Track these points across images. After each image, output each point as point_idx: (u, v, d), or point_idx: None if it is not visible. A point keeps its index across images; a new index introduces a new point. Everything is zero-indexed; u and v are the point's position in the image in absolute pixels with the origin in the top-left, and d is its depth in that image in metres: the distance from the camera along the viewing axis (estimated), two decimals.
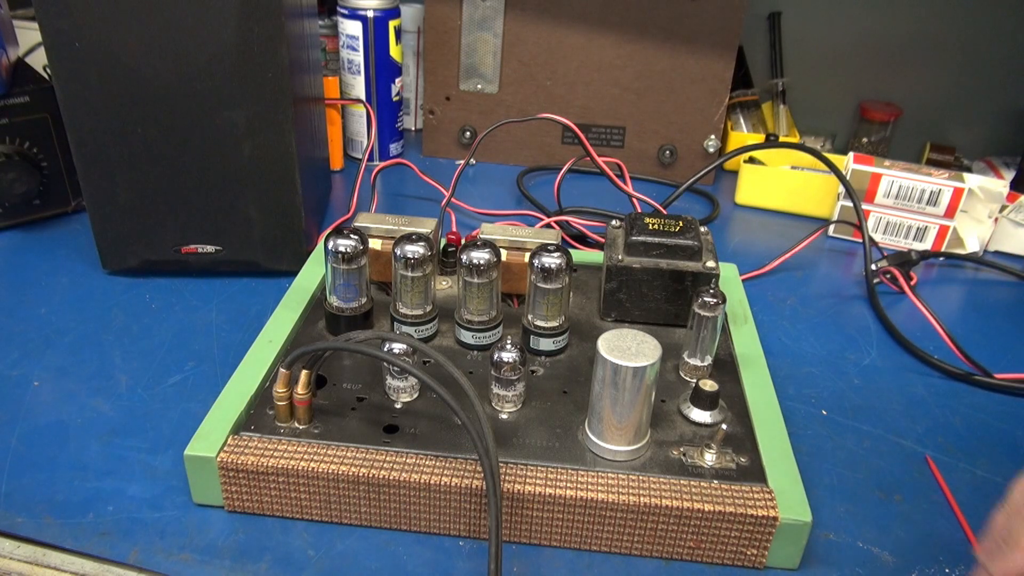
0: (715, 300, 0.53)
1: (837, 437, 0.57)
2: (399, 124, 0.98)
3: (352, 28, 0.90)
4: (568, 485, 0.45)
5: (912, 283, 0.75)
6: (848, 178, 0.82)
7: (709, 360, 0.55)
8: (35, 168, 0.73)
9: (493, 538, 0.42)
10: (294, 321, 0.58)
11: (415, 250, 0.55)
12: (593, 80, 0.93)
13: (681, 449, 0.49)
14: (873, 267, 0.76)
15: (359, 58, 0.91)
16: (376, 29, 0.89)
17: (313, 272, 0.64)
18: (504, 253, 0.60)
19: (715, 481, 0.46)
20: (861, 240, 0.77)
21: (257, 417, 0.50)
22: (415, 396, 0.52)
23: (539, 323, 0.56)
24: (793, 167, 0.91)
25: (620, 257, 0.59)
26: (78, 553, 0.45)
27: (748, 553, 0.46)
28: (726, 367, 0.56)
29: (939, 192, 0.80)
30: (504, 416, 0.51)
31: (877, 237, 0.84)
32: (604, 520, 0.46)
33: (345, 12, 0.89)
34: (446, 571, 0.45)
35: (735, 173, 0.95)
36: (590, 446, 0.48)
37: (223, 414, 0.49)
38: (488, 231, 0.63)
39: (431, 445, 0.48)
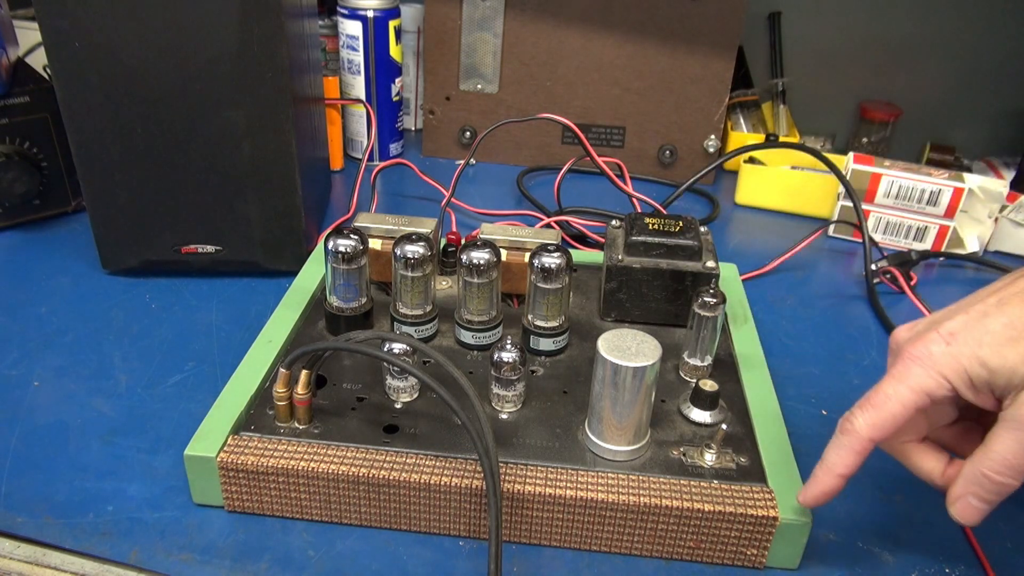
0: (715, 300, 0.53)
1: None
2: (399, 124, 0.98)
3: (352, 28, 0.90)
4: (568, 485, 0.45)
5: (912, 283, 0.75)
6: (848, 178, 0.82)
7: (709, 360, 0.55)
8: (35, 168, 0.73)
9: (493, 538, 0.42)
10: (294, 321, 0.58)
11: (415, 250, 0.55)
12: (593, 80, 0.93)
13: (681, 449, 0.49)
14: (873, 267, 0.76)
15: (359, 58, 0.91)
16: (376, 29, 0.89)
17: (313, 272, 0.64)
18: (504, 253, 0.60)
19: (715, 481, 0.46)
20: (861, 240, 0.77)
21: (257, 417, 0.50)
22: (415, 396, 0.52)
23: (539, 323, 0.56)
24: (793, 167, 0.91)
25: (620, 257, 0.59)
26: (78, 553, 0.45)
27: (748, 553, 0.46)
28: (726, 367, 0.56)
29: (939, 192, 0.80)
30: (504, 416, 0.51)
31: (877, 237, 0.84)
32: (604, 520, 0.46)
33: (345, 12, 0.89)
34: (446, 571, 0.45)
35: (735, 173, 0.95)
36: (590, 446, 0.48)
37: (223, 414, 0.49)
38: (488, 231, 0.63)
39: (431, 445, 0.48)
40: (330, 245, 0.55)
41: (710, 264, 0.59)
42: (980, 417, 0.45)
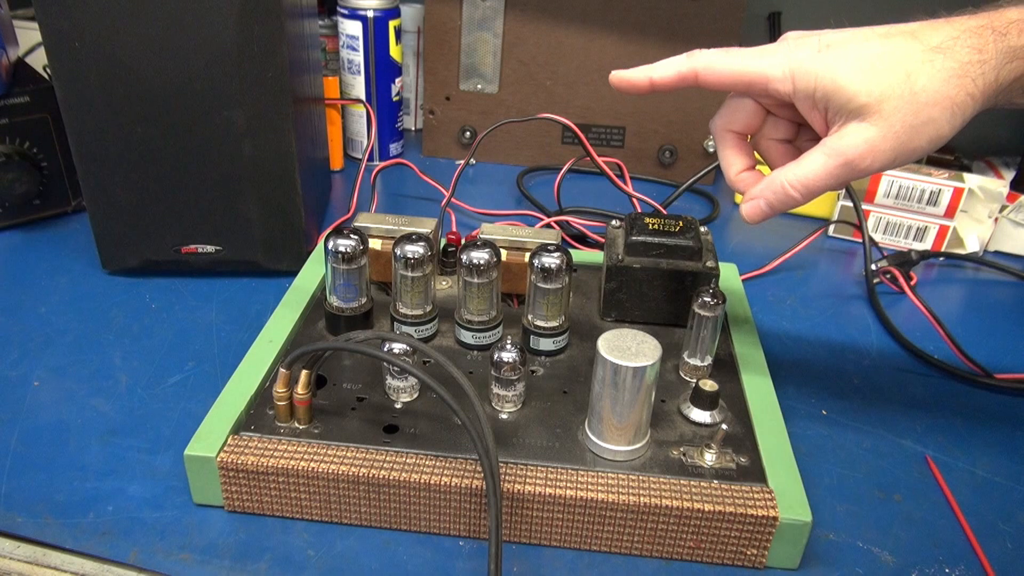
0: (715, 300, 0.53)
1: (837, 437, 0.57)
2: (399, 124, 0.98)
3: (352, 28, 0.90)
4: (568, 485, 0.45)
5: (912, 283, 0.75)
6: None
7: (709, 360, 0.55)
8: (35, 168, 0.73)
9: (493, 538, 0.42)
10: (294, 321, 0.58)
11: (415, 250, 0.55)
12: (593, 80, 0.93)
13: (681, 449, 0.49)
14: (873, 267, 0.76)
15: (359, 58, 0.91)
16: (376, 29, 0.89)
17: (313, 272, 0.64)
18: (504, 253, 0.60)
19: (715, 481, 0.46)
20: (861, 240, 0.77)
21: (257, 417, 0.50)
22: (415, 396, 0.52)
23: (539, 323, 0.56)
24: None
25: (620, 257, 0.59)
26: (78, 553, 0.45)
27: (748, 553, 0.46)
28: (726, 367, 0.56)
29: (939, 192, 0.80)
30: (504, 416, 0.51)
31: (877, 237, 0.84)
32: (604, 520, 0.46)
33: (345, 12, 0.89)
34: (446, 571, 0.45)
35: None
36: (590, 446, 0.48)
37: (223, 414, 0.49)
38: (488, 231, 0.63)
39: (431, 445, 0.48)
40: (330, 245, 0.55)
41: (710, 264, 0.59)
42: (803, 144, 0.48)
